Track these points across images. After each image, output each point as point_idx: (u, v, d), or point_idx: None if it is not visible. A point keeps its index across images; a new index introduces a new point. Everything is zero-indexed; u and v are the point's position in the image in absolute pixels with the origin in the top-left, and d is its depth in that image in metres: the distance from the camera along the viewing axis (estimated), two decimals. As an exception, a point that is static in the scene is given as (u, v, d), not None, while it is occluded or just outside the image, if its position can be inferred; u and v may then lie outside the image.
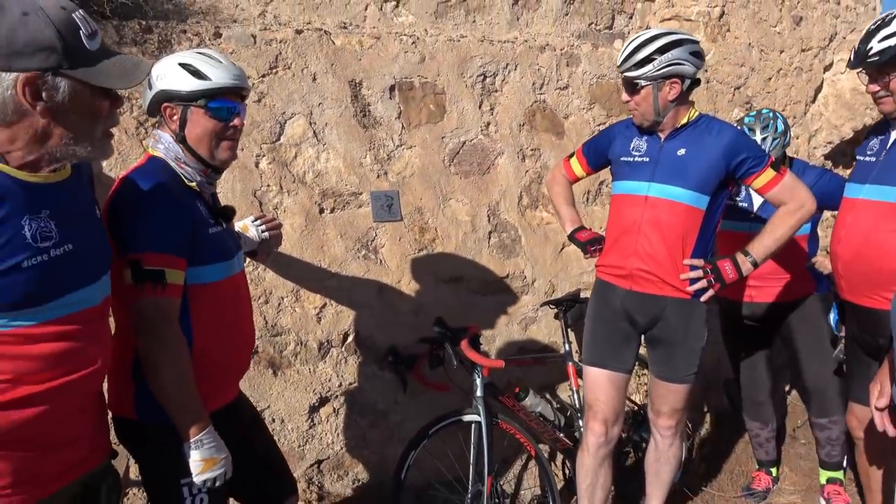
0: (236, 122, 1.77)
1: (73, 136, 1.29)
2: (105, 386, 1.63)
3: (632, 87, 2.46)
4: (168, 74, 1.69)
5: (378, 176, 3.02)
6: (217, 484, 1.70)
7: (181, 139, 1.72)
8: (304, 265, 2.80)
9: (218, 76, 1.70)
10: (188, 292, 1.69)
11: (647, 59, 2.39)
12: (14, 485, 1.30)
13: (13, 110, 1.22)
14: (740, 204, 3.11)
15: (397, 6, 3.44)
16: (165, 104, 1.71)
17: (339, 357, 2.86)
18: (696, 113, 2.53)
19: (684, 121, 2.50)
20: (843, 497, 3.16)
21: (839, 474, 3.21)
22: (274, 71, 2.83)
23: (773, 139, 3.01)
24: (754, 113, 3.19)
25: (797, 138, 4.59)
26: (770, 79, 4.40)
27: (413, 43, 3.17)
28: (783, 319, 3.15)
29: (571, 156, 2.84)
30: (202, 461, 1.65)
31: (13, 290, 1.23)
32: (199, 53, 1.75)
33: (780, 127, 3.05)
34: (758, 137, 3.00)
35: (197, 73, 1.68)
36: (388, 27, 3.36)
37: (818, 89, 4.64)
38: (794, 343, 3.16)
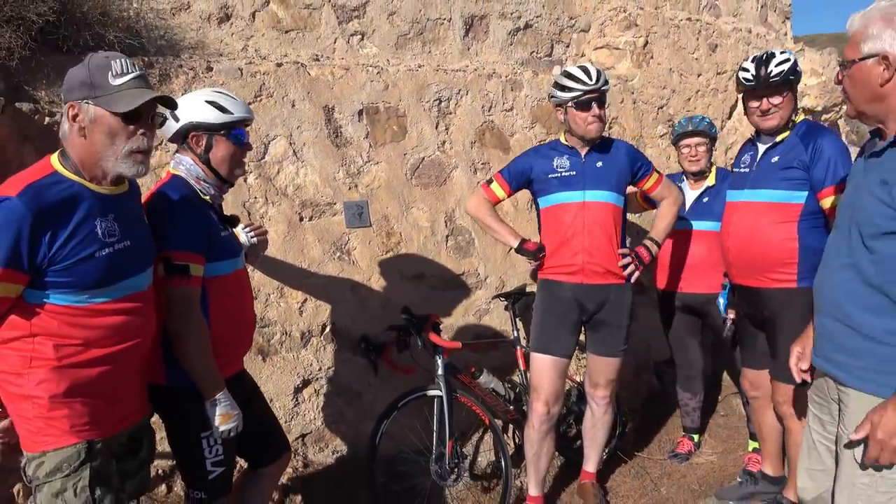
0: (248, 144, 2.22)
1: (100, 152, 1.71)
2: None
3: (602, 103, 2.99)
4: (195, 110, 2.12)
5: (349, 188, 3.47)
6: (231, 434, 2.12)
7: (205, 161, 2.15)
8: (287, 266, 3.23)
9: (236, 110, 2.16)
10: (205, 283, 2.11)
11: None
12: (87, 424, 1.71)
13: (66, 131, 1.69)
14: None
15: (362, 39, 3.92)
16: (193, 133, 2.14)
17: (318, 345, 3.28)
18: None
19: (599, 140, 3.05)
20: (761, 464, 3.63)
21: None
22: (258, 99, 3.27)
23: (702, 119, 3.70)
24: (687, 117, 3.79)
25: (716, 150, 5.22)
26: (689, 99, 5.02)
27: (378, 73, 3.65)
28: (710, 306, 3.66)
29: (490, 182, 3.19)
30: (220, 416, 2.08)
31: (88, 274, 1.66)
32: (219, 92, 2.19)
33: (707, 121, 3.73)
34: (692, 122, 3.68)
35: (221, 109, 2.13)
36: (354, 58, 3.83)
37: (733, 107, 5.29)
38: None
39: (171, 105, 1.92)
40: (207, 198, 2.19)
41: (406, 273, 3.58)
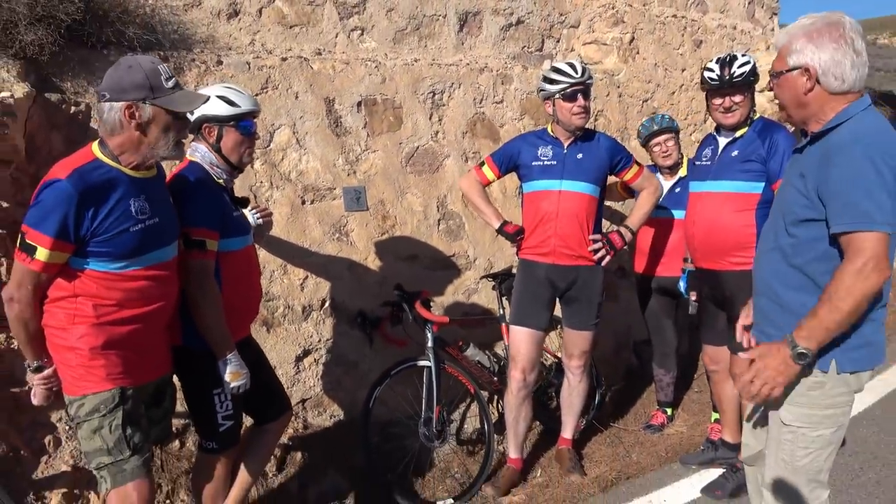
0: (255, 134, 2.50)
1: (153, 145, 2.00)
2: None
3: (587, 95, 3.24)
4: (207, 104, 2.39)
5: (348, 174, 3.75)
6: (240, 391, 2.41)
7: (217, 149, 2.43)
8: (290, 245, 3.51)
9: (244, 104, 2.43)
10: (219, 257, 2.40)
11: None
12: (121, 373, 2.01)
13: (119, 126, 1.95)
14: None
15: (362, 34, 4.18)
16: (205, 124, 2.42)
17: (318, 318, 3.57)
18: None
19: (580, 133, 3.31)
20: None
21: None
22: (265, 91, 3.53)
23: (663, 117, 3.97)
24: (650, 118, 4.05)
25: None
26: (674, 93, 5.28)
27: (376, 67, 3.91)
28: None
29: (482, 164, 3.48)
30: (231, 374, 2.37)
31: (124, 245, 1.95)
32: (229, 87, 2.47)
33: (667, 117, 3.99)
34: (656, 122, 3.94)
35: (230, 103, 2.40)
36: (354, 52, 4.09)
37: (715, 101, 5.52)
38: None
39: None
40: (221, 181, 2.47)
41: (400, 254, 3.86)
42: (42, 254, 1.85)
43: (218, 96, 2.40)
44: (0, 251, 2.68)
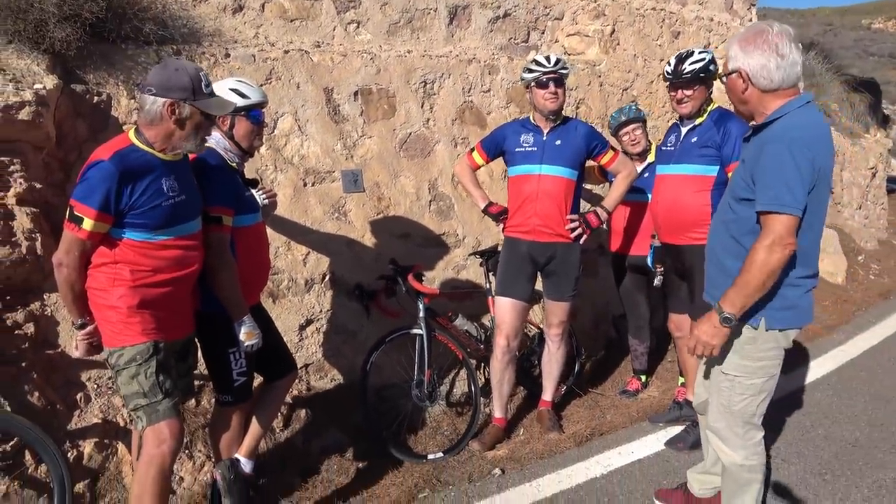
0: (263, 122, 2.81)
1: (184, 139, 2.32)
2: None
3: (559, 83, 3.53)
4: (221, 95, 2.69)
5: (346, 158, 4.06)
6: (253, 349, 2.73)
7: (230, 136, 2.74)
8: (293, 224, 3.83)
9: (254, 95, 2.74)
10: (233, 232, 2.71)
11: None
12: (154, 329, 2.33)
13: (159, 118, 2.26)
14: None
15: (358, 27, 4.47)
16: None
17: (319, 291, 3.90)
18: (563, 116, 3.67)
19: (558, 122, 3.62)
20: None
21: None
22: (269, 81, 3.83)
23: (630, 108, 4.25)
24: (618, 109, 4.36)
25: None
26: (652, 82, 5.58)
27: (371, 59, 4.21)
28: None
29: (472, 150, 3.82)
30: (245, 333, 2.69)
31: (156, 218, 2.27)
32: (240, 81, 2.78)
33: (633, 108, 4.26)
34: (624, 112, 4.22)
35: (242, 95, 2.72)
36: (351, 44, 4.39)
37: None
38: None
39: None
40: (234, 164, 2.78)
41: (394, 232, 4.19)
42: (88, 224, 2.17)
43: (231, 89, 2.71)
44: (35, 227, 2.99)
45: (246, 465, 2.86)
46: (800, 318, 2.39)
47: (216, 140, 2.76)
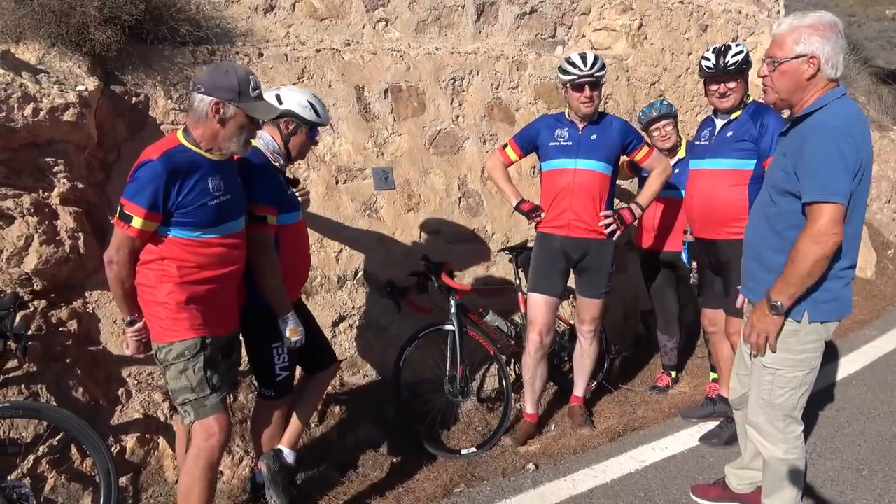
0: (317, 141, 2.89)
1: (227, 138, 2.35)
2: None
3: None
4: (297, 103, 2.77)
5: (377, 156, 4.09)
6: (297, 345, 2.77)
7: (286, 140, 2.80)
8: (326, 221, 3.87)
9: (323, 117, 2.84)
10: (277, 230, 2.75)
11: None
12: (201, 325, 2.38)
13: (205, 116, 2.30)
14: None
15: (387, 25, 4.50)
16: (287, 118, 2.77)
17: (352, 287, 3.93)
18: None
19: (594, 117, 3.61)
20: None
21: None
22: (301, 80, 3.87)
23: (661, 103, 4.21)
24: (649, 105, 4.33)
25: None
26: (680, 76, 5.55)
27: (401, 57, 4.23)
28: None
29: (505, 146, 3.80)
30: (290, 330, 2.73)
31: (202, 216, 2.31)
32: (316, 98, 2.86)
33: (665, 103, 4.23)
34: (655, 107, 4.19)
35: (316, 112, 2.79)
36: (380, 42, 4.41)
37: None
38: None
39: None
40: (278, 164, 2.82)
41: (425, 229, 4.21)
42: (137, 222, 2.22)
43: (309, 101, 2.81)
44: (78, 227, 3.05)
45: (289, 456, 2.91)
46: (841, 310, 2.38)
47: (266, 142, 2.80)
